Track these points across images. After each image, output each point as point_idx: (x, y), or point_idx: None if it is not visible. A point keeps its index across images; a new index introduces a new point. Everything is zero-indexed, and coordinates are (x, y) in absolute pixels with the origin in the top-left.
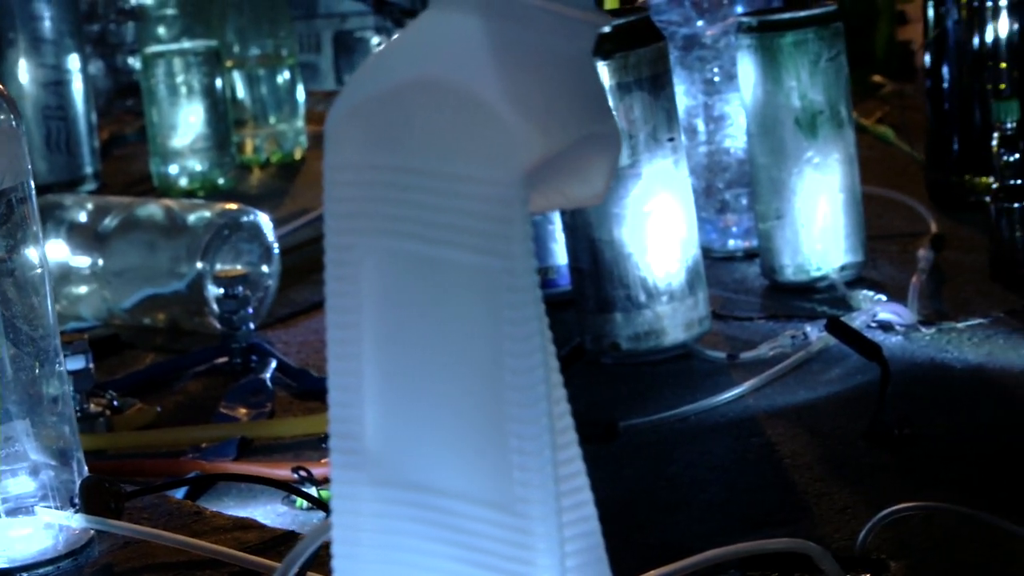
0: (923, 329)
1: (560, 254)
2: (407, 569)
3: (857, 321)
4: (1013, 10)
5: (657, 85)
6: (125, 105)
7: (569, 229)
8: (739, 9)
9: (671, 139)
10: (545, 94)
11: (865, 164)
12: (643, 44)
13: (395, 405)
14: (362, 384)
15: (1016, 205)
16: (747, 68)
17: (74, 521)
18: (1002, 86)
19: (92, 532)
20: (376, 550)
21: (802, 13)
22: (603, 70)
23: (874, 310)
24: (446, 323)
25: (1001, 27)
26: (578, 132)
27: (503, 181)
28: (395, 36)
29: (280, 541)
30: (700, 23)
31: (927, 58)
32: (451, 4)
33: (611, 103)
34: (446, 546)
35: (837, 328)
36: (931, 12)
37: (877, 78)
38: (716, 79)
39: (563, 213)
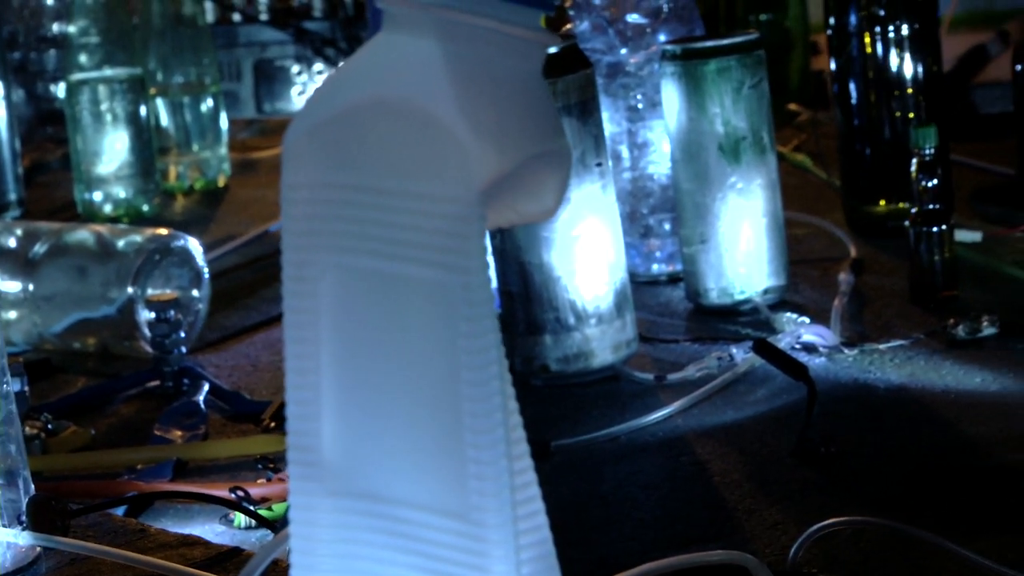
0: (846, 350)
1: (491, 278)
2: None
3: (781, 343)
4: (915, 38)
5: (585, 111)
6: (46, 132)
7: (499, 253)
8: (662, 38)
9: (599, 164)
10: (499, 113)
11: (784, 191)
12: (571, 71)
13: (353, 418)
14: (320, 398)
15: (935, 229)
16: (671, 95)
17: (21, 538)
18: (911, 115)
19: (39, 549)
20: (333, 559)
21: (725, 41)
22: None
23: (798, 332)
24: (403, 337)
25: (906, 55)
26: (531, 150)
27: (460, 199)
28: (349, 58)
29: (225, 557)
30: (624, 51)
31: (836, 87)
32: (404, 26)
33: None
34: (403, 555)
35: (764, 349)
36: (838, 41)
37: (793, 106)
38: (640, 106)
39: (493, 237)
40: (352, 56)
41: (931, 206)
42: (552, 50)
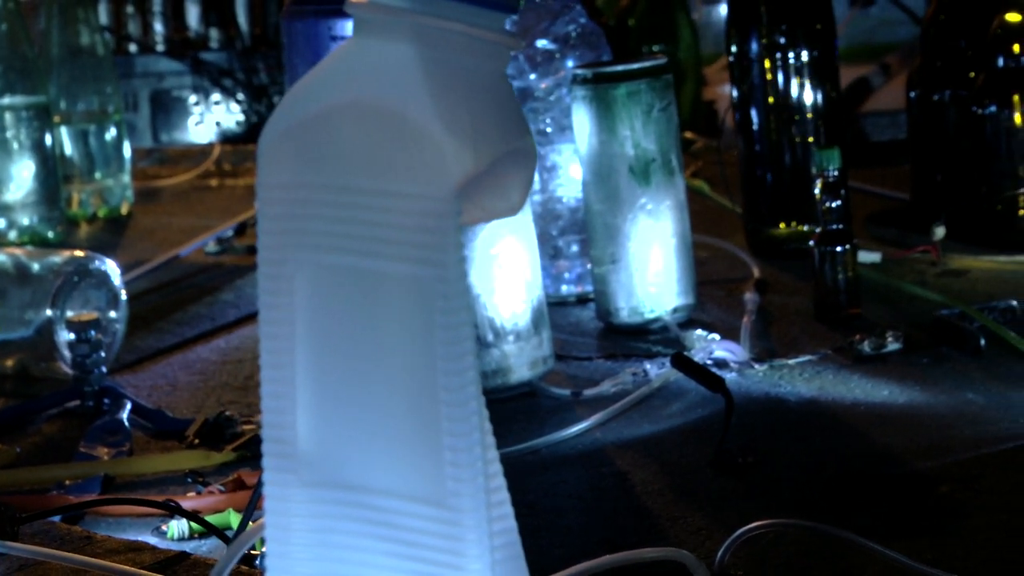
0: (756, 366)
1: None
2: (340, 565)
3: (695, 358)
4: (815, 65)
5: None
6: None
7: None
8: (570, 63)
9: None
10: (472, 113)
11: None
12: None
13: (329, 409)
14: (294, 391)
15: (839, 249)
16: (582, 118)
17: None
18: (811, 139)
19: None
20: (309, 549)
21: (635, 65)
22: None
23: (710, 348)
24: (380, 331)
25: (806, 82)
26: (502, 148)
27: (437, 196)
28: (321, 63)
29: (174, 561)
30: (533, 76)
31: (736, 114)
32: (376, 31)
33: None
34: (378, 541)
35: (681, 363)
36: (739, 69)
37: (688, 135)
38: (549, 130)
39: None
40: (324, 60)
41: (835, 226)
42: None
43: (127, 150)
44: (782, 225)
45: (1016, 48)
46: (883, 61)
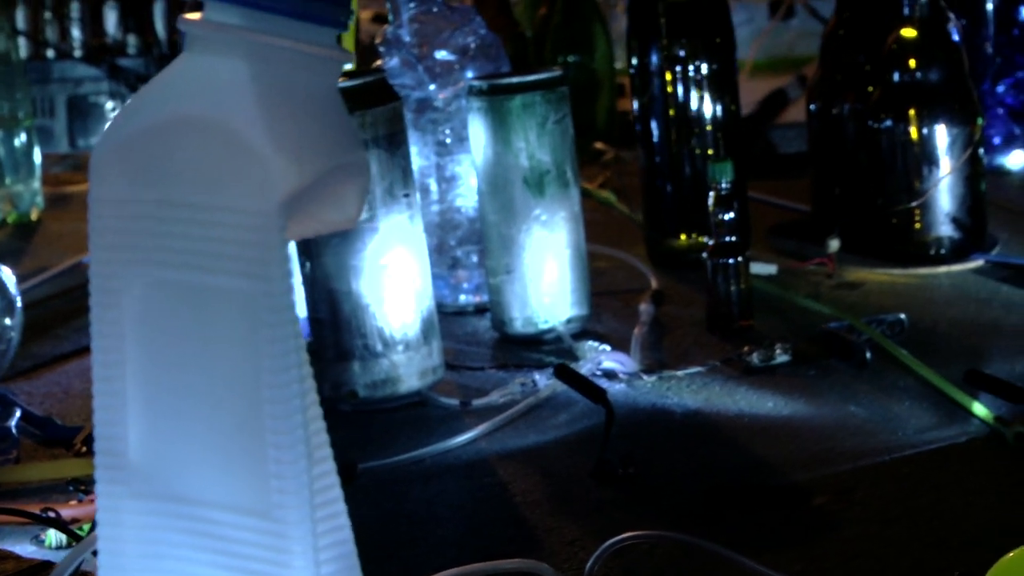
0: (645, 377)
1: (301, 305)
2: None
3: (583, 370)
4: (715, 78)
5: (393, 143)
6: None
7: (309, 281)
8: (470, 74)
9: (406, 195)
10: (299, 128)
11: (589, 226)
12: (379, 103)
13: (159, 423)
14: (126, 404)
15: (731, 261)
16: (478, 129)
17: None
18: (710, 151)
19: None
20: (140, 560)
21: (530, 77)
22: None
23: (599, 359)
24: (207, 344)
25: (706, 94)
26: (330, 162)
27: (262, 211)
28: (154, 77)
29: (38, 569)
30: (432, 87)
31: (638, 126)
32: (207, 47)
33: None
34: (207, 553)
35: (564, 374)
36: (640, 81)
37: (599, 145)
38: (448, 141)
39: (302, 265)
40: (157, 75)
41: (727, 239)
42: (361, 82)
43: (37, 156)
44: (683, 236)
45: (912, 63)
46: (800, 73)
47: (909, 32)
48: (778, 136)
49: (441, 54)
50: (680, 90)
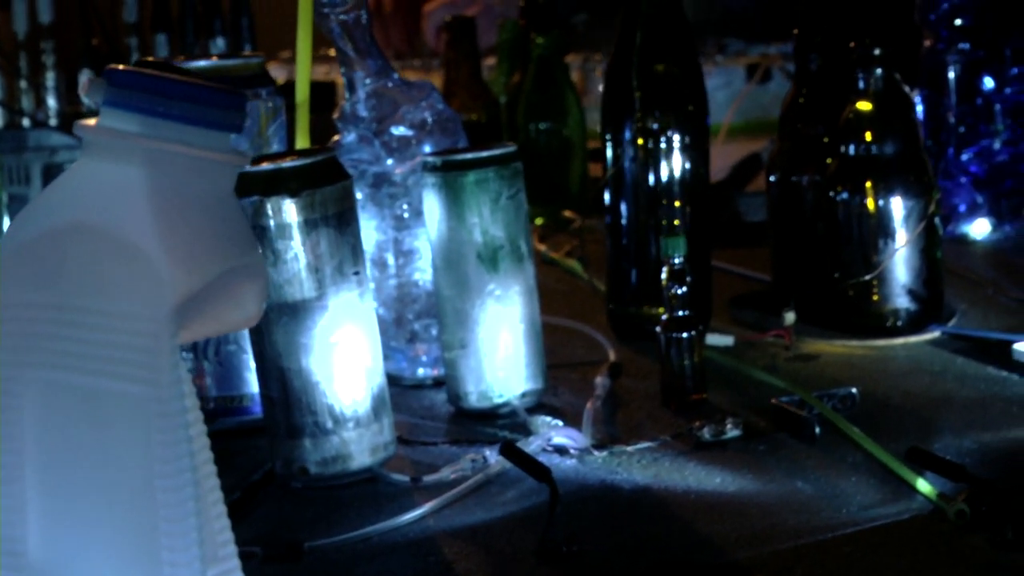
0: (596, 453)
1: (254, 382)
2: None
3: (533, 445)
4: (685, 150)
5: (343, 221)
6: None
7: (259, 358)
8: (428, 148)
9: (356, 273)
10: (191, 233)
11: (553, 296)
12: (329, 182)
13: (58, 523)
14: (26, 505)
15: (684, 335)
16: (432, 205)
17: None
18: (676, 221)
19: None
20: None
21: (484, 153)
22: (290, 207)
23: (548, 435)
24: (103, 446)
25: (675, 166)
26: (224, 265)
27: (153, 317)
28: (53, 181)
29: None
30: (390, 162)
31: (607, 195)
32: (102, 152)
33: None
34: None
35: (510, 452)
36: (609, 151)
37: (568, 213)
38: (406, 215)
39: (253, 344)
40: (54, 181)
41: (680, 313)
42: (310, 161)
43: (6, 223)
44: (646, 307)
45: (868, 136)
46: (774, 137)
47: (864, 105)
48: (745, 204)
49: (399, 130)
50: (650, 161)
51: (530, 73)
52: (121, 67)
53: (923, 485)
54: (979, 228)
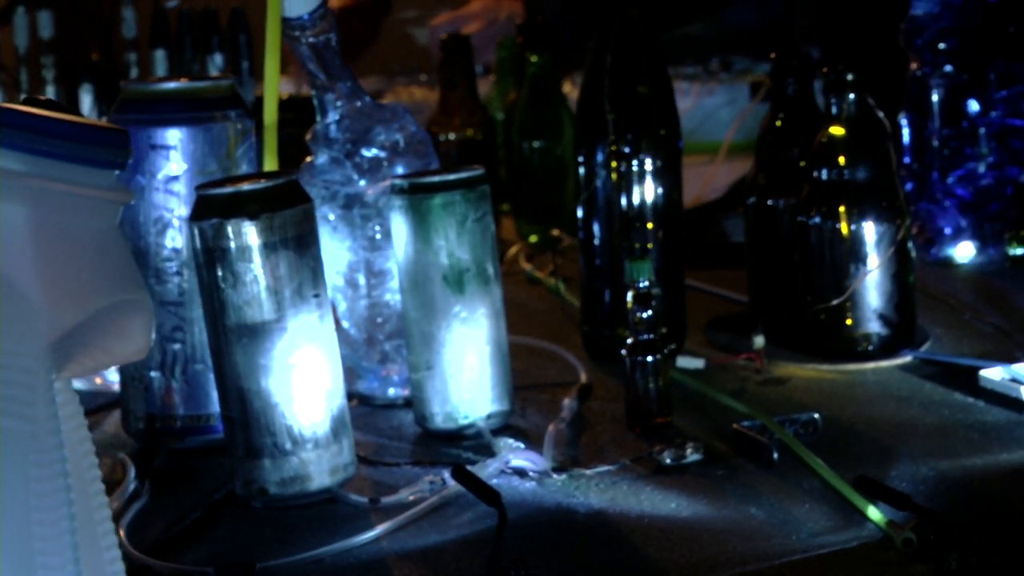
0: (555, 475)
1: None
2: None
3: (491, 468)
4: (658, 174)
5: (302, 244)
6: None
7: (220, 379)
8: (400, 170)
9: (316, 295)
10: (72, 269)
11: (533, 315)
12: (289, 206)
13: None
14: None
15: (649, 359)
16: (400, 227)
17: None
18: (649, 245)
19: None
20: None
21: (451, 176)
22: (250, 230)
23: (507, 457)
24: None
25: (647, 189)
26: (105, 300)
27: (28, 353)
28: None
29: None
30: (362, 183)
31: (579, 215)
32: None
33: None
34: None
35: (461, 475)
36: (582, 172)
37: (556, 232)
38: (377, 236)
39: (215, 364)
40: None
41: (645, 336)
42: (270, 184)
43: None
44: (619, 329)
45: (841, 160)
46: None
47: (837, 130)
48: (732, 225)
49: (370, 151)
50: (622, 184)
51: (524, 91)
52: (5, 105)
53: (873, 513)
54: (963, 251)
